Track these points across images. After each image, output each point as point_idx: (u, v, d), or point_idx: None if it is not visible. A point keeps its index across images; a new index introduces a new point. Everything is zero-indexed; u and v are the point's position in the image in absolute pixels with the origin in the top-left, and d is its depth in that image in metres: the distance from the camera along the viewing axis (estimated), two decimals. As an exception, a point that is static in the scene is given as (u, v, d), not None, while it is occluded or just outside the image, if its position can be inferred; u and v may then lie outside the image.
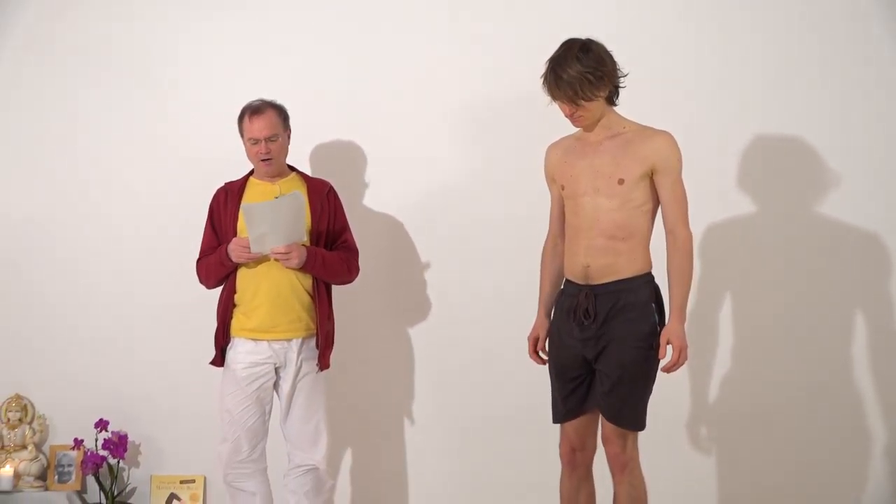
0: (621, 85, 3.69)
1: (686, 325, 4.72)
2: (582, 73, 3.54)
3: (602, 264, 3.64)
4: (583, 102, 3.58)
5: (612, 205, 3.65)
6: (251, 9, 5.17)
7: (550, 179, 3.93)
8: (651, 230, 3.74)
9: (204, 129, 5.09)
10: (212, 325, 4.43)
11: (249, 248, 4.29)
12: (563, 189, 3.81)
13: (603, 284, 3.64)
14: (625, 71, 3.68)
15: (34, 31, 5.20)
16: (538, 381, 4.70)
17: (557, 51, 3.64)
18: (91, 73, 5.18)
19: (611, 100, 3.69)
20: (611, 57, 3.64)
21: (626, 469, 3.72)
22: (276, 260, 4.27)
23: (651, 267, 3.74)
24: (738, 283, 5.13)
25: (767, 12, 5.12)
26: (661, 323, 3.72)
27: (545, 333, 3.88)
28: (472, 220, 5.08)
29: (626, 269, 3.66)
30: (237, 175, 4.54)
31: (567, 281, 3.79)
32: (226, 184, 4.50)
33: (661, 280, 3.92)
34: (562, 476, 3.86)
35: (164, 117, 5.17)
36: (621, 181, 3.62)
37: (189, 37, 5.18)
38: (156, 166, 5.16)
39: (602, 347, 3.66)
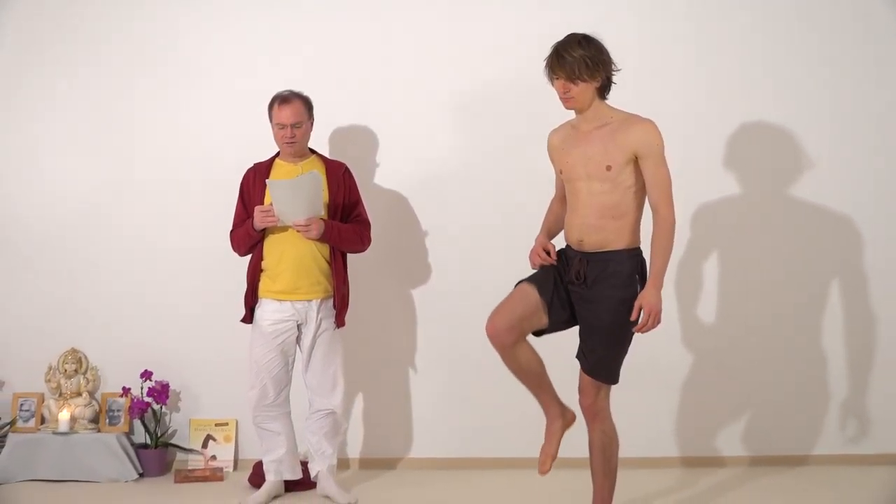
0: (614, 80, 3.82)
1: (674, 290, 5.05)
2: (582, 55, 3.69)
3: (594, 239, 3.77)
4: (578, 82, 3.71)
5: (604, 188, 3.75)
6: (283, 8, 5.32)
7: (552, 159, 4.02)
8: (641, 209, 3.83)
9: (234, 117, 5.25)
10: (241, 288, 4.68)
11: (273, 215, 4.45)
12: (561, 173, 3.91)
13: (595, 253, 3.78)
14: (619, 66, 3.81)
15: (82, 28, 5.34)
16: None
17: (563, 38, 3.80)
18: (139, 68, 5.33)
19: (602, 92, 3.81)
20: (608, 52, 3.78)
21: (598, 418, 3.89)
22: (298, 231, 4.48)
23: (639, 243, 3.84)
24: (722, 256, 5.32)
25: (756, 11, 5.28)
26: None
27: (553, 248, 3.93)
28: (469, 194, 5.28)
29: (615, 243, 3.77)
30: (262, 156, 4.76)
31: (567, 245, 3.92)
32: (254, 164, 4.70)
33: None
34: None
35: (199, 108, 5.33)
36: (609, 167, 3.73)
37: (225, 36, 5.32)
38: (193, 150, 5.30)
39: (587, 307, 3.81)
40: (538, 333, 3.93)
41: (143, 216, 5.37)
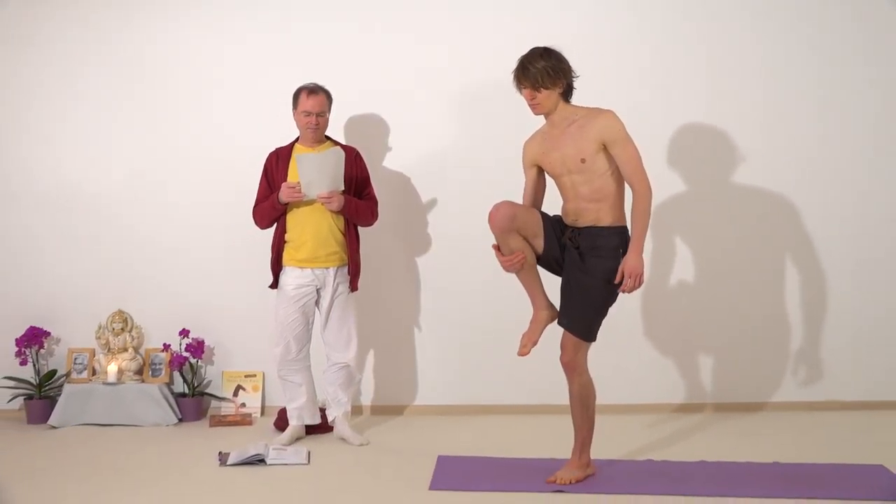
0: (574, 86, 4.01)
1: (650, 260, 5.13)
2: (544, 66, 3.90)
3: (587, 218, 4.00)
4: (542, 90, 3.91)
5: (583, 178, 3.97)
6: (298, 9, 5.49)
7: (528, 166, 4.17)
8: (622, 188, 3.99)
9: (259, 106, 5.46)
10: (265, 257, 4.90)
11: (300, 190, 4.62)
12: (548, 172, 4.10)
13: (586, 227, 4.01)
14: (577, 73, 4.00)
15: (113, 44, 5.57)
16: (525, 296, 4.90)
17: (526, 52, 4.00)
18: (188, 56, 5.55)
19: (565, 96, 4.01)
20: (567, 61, 3.98)
21: (576, 372, 4.07)
22: (321, 203, 4.67)
23: (625, 221, 4.00)
24: (693, 230, 5.53)
25: (701, 22, 5.46)
26: None
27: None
28: (467, 176, 5.47)
29: (603, 220, 3.98)
30: (283, 139, 4.98)
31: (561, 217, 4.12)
32: (276, 148, 4.91)
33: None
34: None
35: (228, 96, 5.51)
36: (583, 160, 3.94)
37: (244, 34, 5.51)
38: (226, 139, 5.51)
39: (576, 272, 4.01)
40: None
41: (183, 197, 5.57)
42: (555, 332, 4.19)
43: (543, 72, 3.91)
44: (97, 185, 5.61)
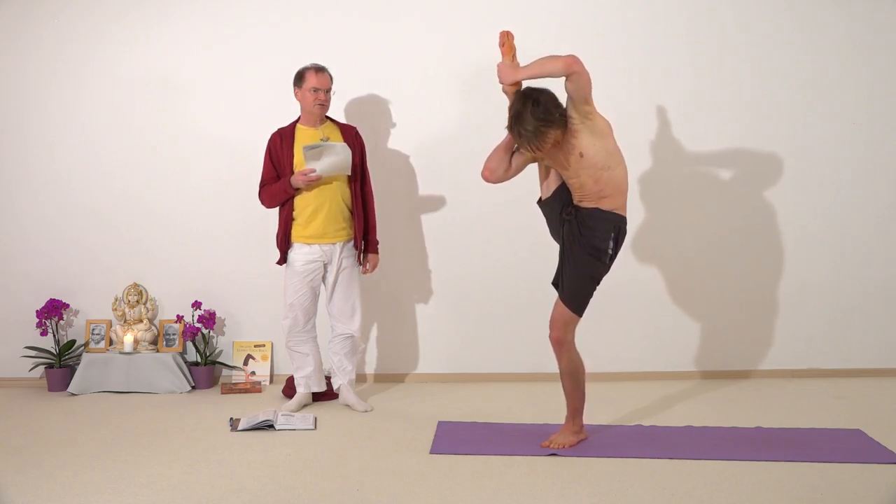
0: (566, 115, 3.81)
1: (647, 243, 5.24)
2: (537, 126, 3.71)
3: (587, 205, 3.99)
4: (543, 146, 3.79)
5: (587, 174, 3.90)
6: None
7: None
8: (623, 183, 3.95)
9: (264, 91, 5.43)
10: (273, 233, 4.87)
11: (308, 175, 4.59)
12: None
13: (586, 208, 3.99)
14: (564, 105, 3.80)
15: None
16: (519, 268, 5.28)
17: (516, 107, 3.78)
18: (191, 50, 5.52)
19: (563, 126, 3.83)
20: (554, 99, 3.78)
21: (564, 348, 4.08)
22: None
23: (622, 212, 3.98)
24: (678, 217, 5.54)
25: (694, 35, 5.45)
26: (616, 249, 4.01)
27: None
28: (460, 154, 5.40)
29: (603, 206, 3.97)
30: (283, 124, 4.91)
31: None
32: (279, 129, 4.85)
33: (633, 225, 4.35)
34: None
35: (235, 89, 5.49)
36: (581, 154, 3.85)
37: (255, 22, 5.49)
38: (235, 119, 5.49)
39: (571, 245, 4.03)
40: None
41: (193, 177, 5.55)
42: (546, 309, 4.19)
43: (538, 131, 3.74)
44: (113, 166, 5.59)
